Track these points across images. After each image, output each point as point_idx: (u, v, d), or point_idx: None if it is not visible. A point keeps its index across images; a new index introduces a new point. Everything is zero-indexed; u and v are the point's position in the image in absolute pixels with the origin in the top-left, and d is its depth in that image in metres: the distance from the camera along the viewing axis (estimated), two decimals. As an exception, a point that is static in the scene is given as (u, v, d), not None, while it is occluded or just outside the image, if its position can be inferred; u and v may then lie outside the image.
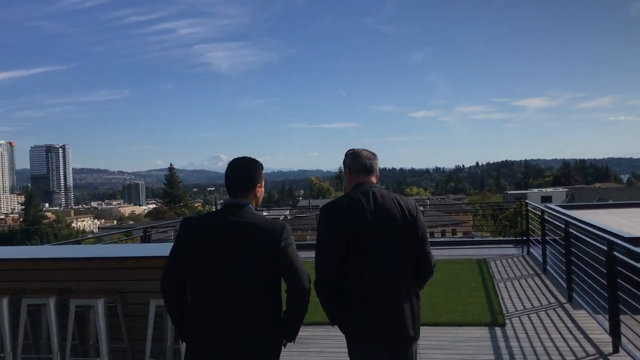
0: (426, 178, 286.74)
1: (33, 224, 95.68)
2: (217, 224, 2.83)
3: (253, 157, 3.02)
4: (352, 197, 3.11)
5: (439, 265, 10.71)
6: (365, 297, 2.99)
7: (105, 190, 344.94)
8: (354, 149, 3.35)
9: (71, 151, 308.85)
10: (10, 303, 5.18)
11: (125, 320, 5.27)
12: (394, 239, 3.04)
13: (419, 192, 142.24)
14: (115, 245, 6.30)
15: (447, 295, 8.20)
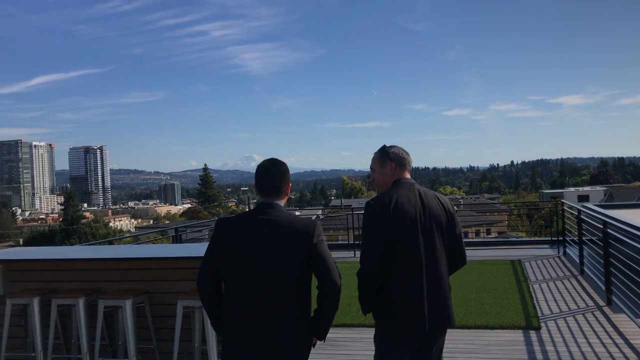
0: (460, 177, 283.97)
1: (72, 224, 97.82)
2: (251, 223, 2.91)
3: (285, 157, 3.10)
4: (401, 193, 3.16)
5: (472, 266, 10.53)
6: (415, 289, 3.05)
7: (142, 190, 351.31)
8: (392, 145, 3.39)
9: (109, 152, 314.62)
10: (40, 303, 5.23)
11: (154, 320, 5.27)
12: (438, 234, 3.13)
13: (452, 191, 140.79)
14: (145, 246, 6.31)
15: (481, 297, 8.01)
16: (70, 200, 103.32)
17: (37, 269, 5.62)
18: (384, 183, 3.33)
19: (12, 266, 5.63)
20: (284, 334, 2.79)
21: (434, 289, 3.09)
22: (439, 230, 3.15)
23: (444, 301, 3.12)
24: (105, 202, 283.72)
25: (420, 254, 3.07)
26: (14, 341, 5.53)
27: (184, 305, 4.89)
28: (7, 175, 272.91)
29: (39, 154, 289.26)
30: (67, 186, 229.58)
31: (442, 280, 3.14)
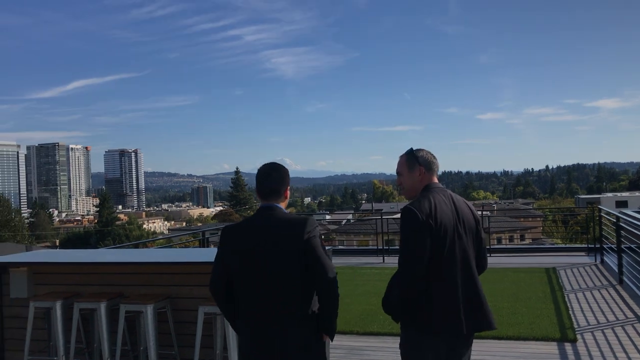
0: (493, 182, 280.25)
1: (106, 225, 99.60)
2: (252, 226, 3.03)
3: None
4: (438, 199, 3.13)
5: (505, 274, 10.23)
6: (454, 294, 3.04)
7: (175, 193, 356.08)
8: (419, 148, 3.35)
9: (143, 155, 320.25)
10: (63, 306, 5.20)
11: (176, 326, 5.19)
12: (470, 239, 3.16)
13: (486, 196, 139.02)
14: (168, 250, 6.27)
15: (513, 307, 7.75)
16: (105, 203, 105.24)
17: (61, 272, 5.60)
18: (412, 188, 3.28)
19: (37, 269, 5.62)
20: (288, 334, 2.88)
21: (471, 293, 3.10)
22: (471, 235, 3.17)
23: (481, 304, 3.12)
24: (139, 204, 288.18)
25: (458, 259, 3.08)
26: (38, 344, 5.52)
27: (205, 312, 4.80)
28: (45, 177, 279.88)
29: (76, 156, 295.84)
30: (103, 188, 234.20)
31: (478, 283, 3.15)
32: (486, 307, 3.13)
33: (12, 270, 5.59)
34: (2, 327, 5.71)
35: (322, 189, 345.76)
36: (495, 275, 10.11)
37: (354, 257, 13.60)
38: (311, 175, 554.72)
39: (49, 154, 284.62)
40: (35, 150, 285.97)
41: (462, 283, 3.07)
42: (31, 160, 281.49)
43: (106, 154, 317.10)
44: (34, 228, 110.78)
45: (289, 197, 3.24)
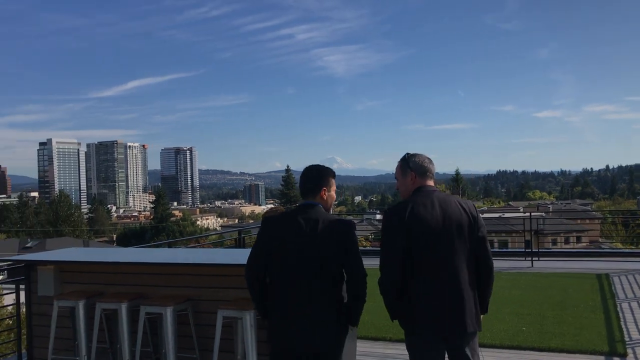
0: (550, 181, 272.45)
1: (161, 222, 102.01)
2: (290, 220, 3.28)
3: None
4: (417, 201, 3.21)
5: (552, 279, 9.73)
6: (433, 296, 3.10)
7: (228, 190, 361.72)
8: (414, 153, 3.46)
9: (198, 153, 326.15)
10: (86, 306, 5.16)
11: (198, 329, 5.07)
12: (459, 239, 3.16)
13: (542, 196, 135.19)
14: (195, 250, 6.15)
15: (558, 316, 7.29)
16: (160, 199, 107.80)
17: (87, 271, 5.57)
18: (405, 192, 3.40)
19: (63, 268, 5.61)
20: (312, 318, 3.15)
21: (453, 294, 3.12)
22: (461, 234, 3.17)
23: (465, 306, 3.12)
24: (193, 201, 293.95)
25: (439, 260, 3.12)
26: (63, 342, 5.51)
27: (224, 315, 4.64)
28: (104, 174, 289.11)
29: (133, 154, 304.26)
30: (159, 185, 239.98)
31: (462, 284, 3.14)
32: (466, 308, 3.12)
33: (40, 268, 5.60)
34: (30, 325, 5.74)
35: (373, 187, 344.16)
36: (542, 281, 9.64)
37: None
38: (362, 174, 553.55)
39: (108, 152, 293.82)
40: (95, 148, 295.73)
41: (444, 283, 3.11)
42: (91, 157, 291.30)
43: (162, 152, 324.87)
44: (93, 223, 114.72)
45: (335, 199, 3.51)
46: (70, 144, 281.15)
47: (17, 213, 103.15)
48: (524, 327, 6.81)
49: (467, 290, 3.15)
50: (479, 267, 3.24)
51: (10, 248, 50.11)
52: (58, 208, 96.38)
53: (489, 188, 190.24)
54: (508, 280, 9.71)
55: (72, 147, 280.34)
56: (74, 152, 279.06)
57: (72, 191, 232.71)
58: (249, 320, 4.49)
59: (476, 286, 3.22)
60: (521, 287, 9.19)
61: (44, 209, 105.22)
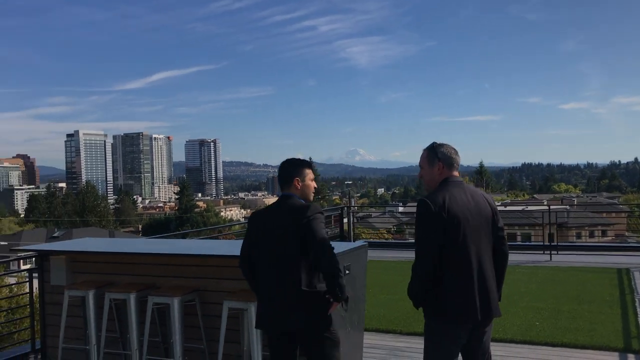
0: (576, 174, 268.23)
1: (186, 212, 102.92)
2: (267, 212, 3.64)
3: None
4: (453, 192, 3.26)
5: (570, 273, 9.58)
6: (468, 283, 3.18)
7: (251, 182, 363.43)
8: (441, 143, 3.47)
9: (221, 145, 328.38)
10: (95, 296, 5.22)
11: (206, 319, 5.09)
12: (485, 230, 3.28)
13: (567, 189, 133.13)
14: (205, 241, 6.17)
15: (574, 310, 7.18)
16: (184, 190, 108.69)
17: (98, 261, 5.63)
18: (431, 182, 3.43)
19: (75, 257, 5.68)
20: (290, 302, 3.40)
21: (483, 282, 3.22)
22: (486, 226, 3.29)
23: (492, 293, 3.26)
24: (217, 192, 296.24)
25: (472, 250, 3.20)
26: (75, 331, 5.59)
27: (229, 307, 4.66)
28: (130, 165, 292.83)
29: (159, 146, 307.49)
30: (184, 177, 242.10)
31: (489, 272, 3.27)
32: (495, 295, 3.28)
33: (52, 258, 5.68)
34: (44, 314, 5.83)
35: (396, 179, 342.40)
36: (559, 275, 9.49)
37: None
38: (385, 166, 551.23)
39: (134, 143, 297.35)
40: (121, 140, 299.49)
41: (476, 272, 3.20)
42: (117, 149, 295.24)
43: (187, 144, 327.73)
44: (119, 214, 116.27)
45: (313, 188, 3.72)
46: (97, 135, 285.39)
47: (45, 203, 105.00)
48: (537, 321, 6.71)
49: (493, 278, 3.29)
50: (496, 253, 3.35)
51: (38, 238, 51.06)
52: (85, 198, 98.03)
53: (514, 181, 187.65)
54: (525, 274, 9.59)
55: (99, 138, 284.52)
56: (101, 143, 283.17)
57: (99, 182, 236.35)
58: (254, 311, 4.49)
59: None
60: (538, 281, 9.06)
61: (71, 199, 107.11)
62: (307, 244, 3.38)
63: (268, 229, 3.53)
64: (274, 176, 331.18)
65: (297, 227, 3.41)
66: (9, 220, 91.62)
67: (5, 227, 77.81)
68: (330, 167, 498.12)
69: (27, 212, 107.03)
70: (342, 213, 14.07)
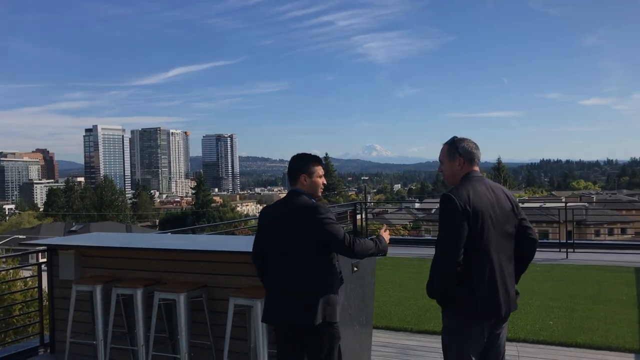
0: (596, 171, 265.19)
1: (202, 207, 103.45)
2: (275, 208, 3.66)
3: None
4: (476, 187, 3.21)
5: (586, 272, 9.39)
6: (492, 279, 3.14)
7: (267, 177, 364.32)
8: (462, 137, 3.40)
9: (238, 140, 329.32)
10: (103, 291, 5.22)
11: (212, 316, 5.06)
12: (507, 225, 3.22)
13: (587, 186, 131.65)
14: (215, 237, 6.12)
15: (589, 310, 7.04)
16: (201, 185, 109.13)
17: (106, 256, 5.62)
18: (452, 177, 3.38)
19: (84, 252, 5.68)
20: (297, 299, 3.42)
21: (503, 277, 3.20)
22: (508, 220, 3.23)
23: (512, 287, 3.26)
24: (234, 187, 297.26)
25: (494, 245, 3.16)
26: (84, 326, 5.59)
27: (235, 303, 4.61)
28: (147, 160, 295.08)
29: (176, 141, 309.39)
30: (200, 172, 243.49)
31: (510, 268, 3.25)
32: (514, 289, 3.28)
33: (61, 253, 5.69)
34: (53, 308, 5.84)
35: (413, 175, 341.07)
36: (575, 274, 9.33)
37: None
38: (402, 162, 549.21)
39: (152, 138, 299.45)
40: (139, 135, 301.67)
41: (499, 267, 3.17)
42: (135, 143, 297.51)
43: (204, 139, 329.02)
44: (137, 208, 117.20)
45: (320, 185, 3.65)
46: (115, 130, 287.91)
47: (64, 197, 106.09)
48: (551, 321, 6.59)
49: (512, 274, 3.28)
50: (524, 239, 3.31)
51: (56, 231, 51.63)
52: (102, 193, 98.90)
53: (532, 177, 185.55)
54: (540, 272, 9.44)
55: (117, 133, 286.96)
56: (119, 138, 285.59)
57: (117, 176, 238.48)
58: (260, 308, 4.44)
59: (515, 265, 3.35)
60: (553, 280, 8.91)
61: (89, 193, 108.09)
62: (321, 245, 3.42)
63: (277, 226, 3.53)
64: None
65: (308, 228, 3.41)
66: (28, 213, 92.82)
67: (24, 221, 78.80)
68: (346, 162, 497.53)
69: (46, 206, 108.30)
70: (355, 209, 13.99)
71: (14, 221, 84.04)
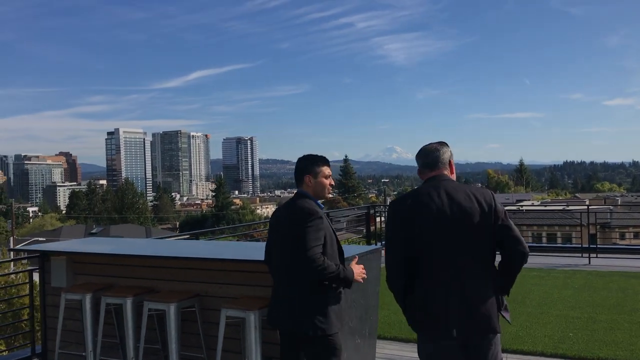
0: (621, 173, 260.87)
1: (222, 210, 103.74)
2: (282, 210, 3.58)
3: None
4: (422, 191, 2.99)
5: (609, 279, 8.92)
6: (437, 294, 2.85)
7: (287, 179, 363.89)
8: (427, 144, 3.19)
9: (258, 143, 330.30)
10: (92, 299, 4.97)
11: (207, 327, 4.77)
12: (469, 232, 2.87)
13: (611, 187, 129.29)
14: (214, 243, 5.83)
15: (613, 320, 6.61)
16: (220, 188, 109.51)
17: (98, 263, 5.38)
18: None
19: (76, 258, 5.44)
20: (294, 303, 3.33)
21: (461, 291, 2.84)
22: (471, 227, 2.86)
23: (477, 304, 2.83)
24: (254, 190, 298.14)
25: (444, 255, 2.87)
26: (76, 336, 5.35)
27: (227, 315, 4.32)
28: (168, 163, 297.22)
29: (196, 143, 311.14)
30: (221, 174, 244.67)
31: (474, 281, 2.86)
32: (479, 308, 2.82)
33: (53, 259, 5.46)
34: (45, 316, 5.61)
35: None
36: (598, 281, 8.87)
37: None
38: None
39: (172, 141, 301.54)
40: (160, 138, 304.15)
41: (451, 279, 2.84)
42: (156, 146, 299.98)
43: (224, 142, 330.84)
44: (158, 211, 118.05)
45: (326, 185, 3.53)
46: (136, 133, 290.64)
47: (86, 200, 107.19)
48: (571, 332, 6.19)
49: (478, 288, 2.86)
50: (506, 255, 2.95)
51: (77, 234, 51.99)
52: (123, 196, 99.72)
53: (555, 179, 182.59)
54: (560, 279, 9.01)
55: (138, 136, 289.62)
56: (140, 141, 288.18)
57: (138, 179, 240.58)
58: (252, 321, 4.16)
59: (495, 281, 2.93)
60: (574, 287, 8.47)
61: (111, 196, 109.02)
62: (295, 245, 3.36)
63: (277, 227, 3.52)
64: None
65: (293, 231, 3.32)
66: (50, 216, 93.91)
67: (47, 223, 79.69)
68: (366, 164, 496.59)
69: (68, 208, 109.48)
70: (367, 212, 13.62)
71: (37, 223, 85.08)
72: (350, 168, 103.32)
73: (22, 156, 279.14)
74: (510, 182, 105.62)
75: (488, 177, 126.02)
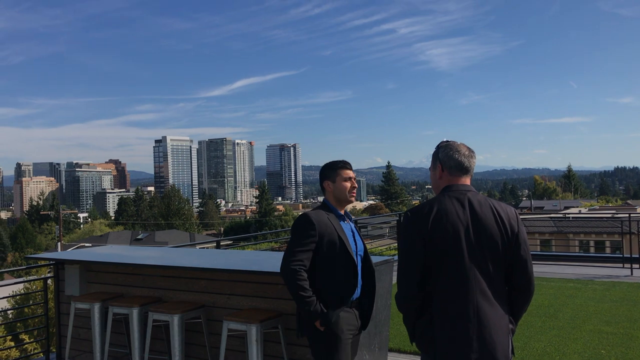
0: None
1: (265, 216, 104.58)
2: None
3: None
4: (443, 202, 2.63)
5: (630, 290, 8.42)
6: (459, 316, 2.54)
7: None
8: (448, 140, 2.84)
9: (301, 149, 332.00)
10: (100, 309, 4.94)
11: (213, 338, 4.68)
12: (490, 254, 2.58)
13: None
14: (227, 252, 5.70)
15: (629, 335, 6.21)
16: (263, 194, 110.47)
17: (110, 272, 5.37)
18: (435, 186, 2.84)
19: (89, 267, 5.44)
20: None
21: (481, 318, 2.54)
22: (493, 249, 2.58)
23: (494, 332, 2.54)
24: (296, 196, 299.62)
25: (465, 276, 2.55)
26: (87, 344, 5.34)
27: (229, 327, 4.20)
28: (214, 170, 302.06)
29: (241, 151, 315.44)
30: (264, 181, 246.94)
31: (492, 307, 2.56)
32: (496, 336, 2.53)
33: (67, 267, 5.47)
34: (59, 324, 5.63)
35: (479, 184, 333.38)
36: (638, 294, 8.38)
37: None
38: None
39: (218, 149, 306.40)
40: (206, 145, 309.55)
41: (468, 304, 2.54)
42: (202, 154, 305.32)
43: (268, 149, 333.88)
44: (203, 217, 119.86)
45: (345, 189, 3.39)
46: (183, 141, 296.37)
47: (134, 206, 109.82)
48: (603, 349, 5.83)
49: (496, 312, 2.57)
50: (516, 294, 2.66)
51: (123, 239, 53.20)
52: (169, 202, 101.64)
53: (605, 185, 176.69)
54: (598, 291, 8.57)
55: (185, 144, 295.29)
56: (187, 149, 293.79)
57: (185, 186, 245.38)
58: (254, 334, 4.03)
59: (506, 306, 2.64)
60: (612, 300, 8.03)
61: (157, 202, 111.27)
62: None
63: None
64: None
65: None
66: (99, 222, 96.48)
67: (96, 229, 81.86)
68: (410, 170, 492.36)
69: (116, 214, 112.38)
70: (399, 220, 13.20)
71: (87, 229, 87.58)
72: (393, 174, 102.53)
73: (73, 164, 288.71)
74: (558, 189, 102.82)
75: (535, 183, 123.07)
